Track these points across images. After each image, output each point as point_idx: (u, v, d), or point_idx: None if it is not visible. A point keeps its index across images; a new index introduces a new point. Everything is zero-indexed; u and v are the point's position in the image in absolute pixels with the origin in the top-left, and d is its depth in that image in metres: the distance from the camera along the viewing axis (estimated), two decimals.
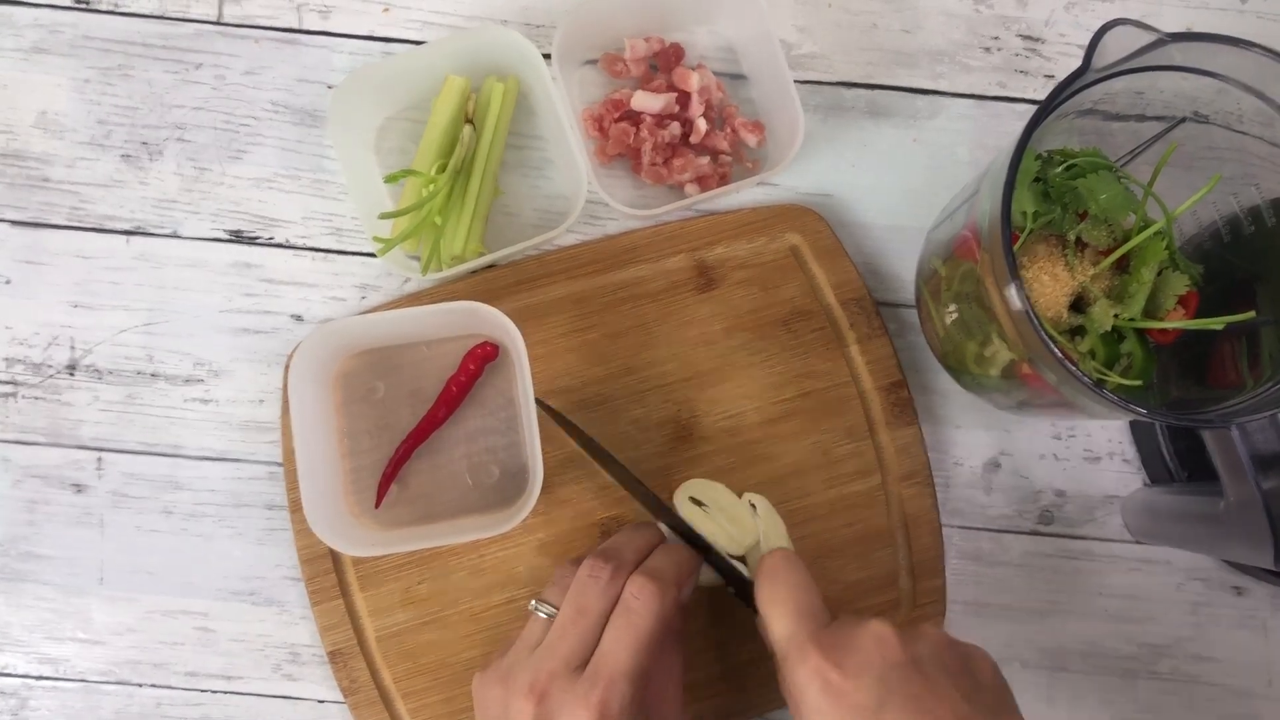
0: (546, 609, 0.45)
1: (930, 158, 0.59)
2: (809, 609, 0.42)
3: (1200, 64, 0.43)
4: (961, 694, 0.38)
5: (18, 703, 0.55)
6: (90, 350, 0.56)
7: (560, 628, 0.43)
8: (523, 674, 0.42)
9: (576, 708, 0.40)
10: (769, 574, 0.44)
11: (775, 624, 0.43)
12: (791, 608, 0.42)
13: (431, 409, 0.53)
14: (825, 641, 0.40)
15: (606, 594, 0.44)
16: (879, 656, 0.39)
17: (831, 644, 0.40)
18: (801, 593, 0.43)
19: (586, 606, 0.43)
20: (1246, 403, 0.43)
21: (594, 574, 0.44)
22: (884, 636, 0.40)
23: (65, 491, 0.56)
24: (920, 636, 0.40)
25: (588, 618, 0.43)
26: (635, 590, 0.43)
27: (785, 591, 0.43)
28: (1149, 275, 0.46)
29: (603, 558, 0.45)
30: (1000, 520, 0.57)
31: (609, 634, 0.43)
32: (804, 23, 0.59)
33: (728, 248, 0.56)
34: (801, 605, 0.42)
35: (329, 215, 0.57)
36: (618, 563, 0.44)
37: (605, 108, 0.56)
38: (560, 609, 0.44)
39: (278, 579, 0.55)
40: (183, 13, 0.58)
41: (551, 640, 0.43)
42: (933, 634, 0.41)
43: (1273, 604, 0.57)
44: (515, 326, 0.49)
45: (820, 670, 0.39)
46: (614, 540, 0.47)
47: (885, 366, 0.56)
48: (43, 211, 0.57)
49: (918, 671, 0.38)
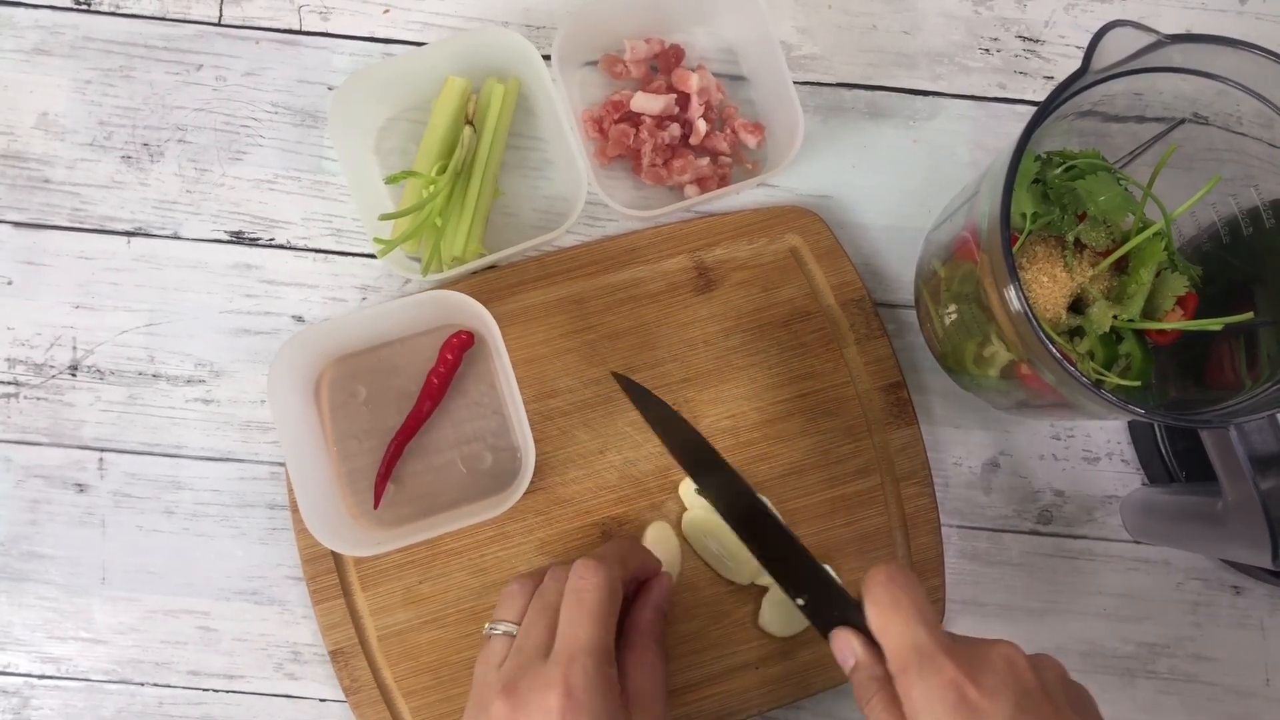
0: (503, 626, 0.46)
1: (930, 159, 0.59)
2: (933, 620, 0.40)
3: (1199, 65, 0.43)
4: None
5: (20, 701, 0.55)
6: (92, 351, 0.56)
7: (525, 628, 0.45)
8: (492, 685, 0.43)
9: (544, 691, 0.41)
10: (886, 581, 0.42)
11: (896, 632, 0.40)
12: (917, 615, 0.40)
13: (416, 404, 0.54)
14: (959, 656, 0.39)
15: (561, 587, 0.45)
16: (1013, 678, 0.38)
17: (965, 660, 0.38)
18: (925, 604, 0.41)
19: (546, 601, 0.45)
20: (1245, 403, 0.43)
21: (553, 576, 0.46)
22: (1015, 660, 0.39)
23: (67, 491, 0.56)
24: (1046, 666, 0.40)
25: (549, 611, 0.44)
26: (579, 571, 0.45)
27: (907, 599, 0.41)
28: (1148, 276, 0.46)
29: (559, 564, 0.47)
30: (999, 520, 0.57)
31: (562, 617, 0.44)
32: (804, 24, 0.59)
33: (727, 249, 0.56)
34: (926, 616, 0.40)
35: (329, 216, 0.58)
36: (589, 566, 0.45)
37: (605, 109, 0.56)
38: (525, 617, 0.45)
39: (279, 578, 0.56)
40: (183, 14, 0.58)
41: (518, 642, 0.44)
42: (1052, 664, 0.40)
43: (1271, 603, 0.57)
44: (485, 309, 0.50)
45: (956, 684, 0.38)
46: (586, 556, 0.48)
47: (885, 367, 0.56)
48: (44, 213, 0.57)
49: (1048, 699, 0.38)
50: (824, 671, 0.54)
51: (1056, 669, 0.40)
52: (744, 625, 0.54)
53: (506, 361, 0.50)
